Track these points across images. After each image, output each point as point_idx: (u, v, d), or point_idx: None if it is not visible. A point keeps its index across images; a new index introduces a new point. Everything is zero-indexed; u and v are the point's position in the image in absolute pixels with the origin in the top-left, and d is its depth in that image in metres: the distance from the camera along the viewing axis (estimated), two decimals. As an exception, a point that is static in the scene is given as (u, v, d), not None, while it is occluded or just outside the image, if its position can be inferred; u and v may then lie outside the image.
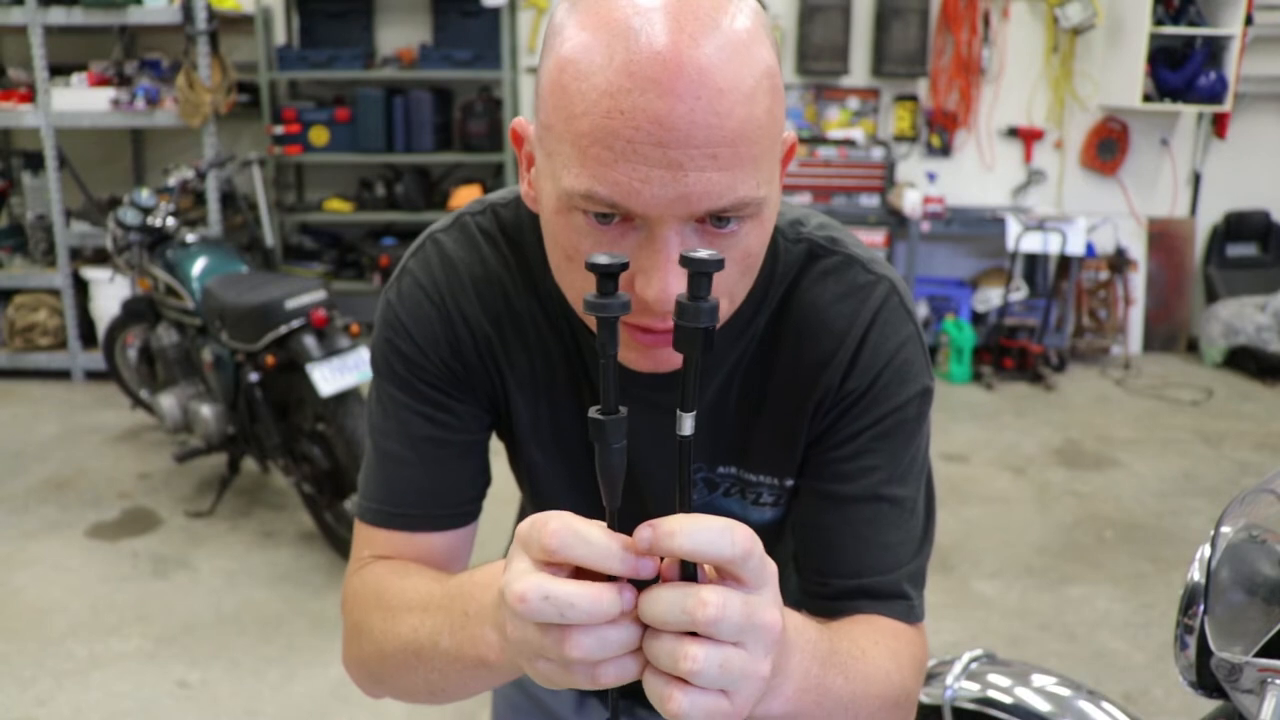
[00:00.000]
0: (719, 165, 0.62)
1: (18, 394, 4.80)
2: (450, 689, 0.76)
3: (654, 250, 0.65)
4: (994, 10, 5.38)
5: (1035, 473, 4.05)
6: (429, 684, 0.76)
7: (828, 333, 0.82)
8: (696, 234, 0.66)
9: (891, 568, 0.83)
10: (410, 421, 0.86)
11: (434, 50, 5.21)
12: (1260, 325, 5.30)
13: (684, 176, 0.62)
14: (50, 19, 4.62)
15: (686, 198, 0.63)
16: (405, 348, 0.85)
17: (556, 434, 0.90)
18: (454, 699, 0.78)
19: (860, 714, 0.72)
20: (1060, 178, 5.63)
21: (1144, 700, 2.57)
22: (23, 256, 5.12)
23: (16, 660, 2.67)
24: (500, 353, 0.87)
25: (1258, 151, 5.66)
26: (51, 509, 3.55)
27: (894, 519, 0.83)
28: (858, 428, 0.82)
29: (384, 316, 0.87)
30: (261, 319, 3.05)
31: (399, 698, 0.83)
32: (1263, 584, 0.89)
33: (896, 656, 0.78)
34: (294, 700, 2.54)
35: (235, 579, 3.11)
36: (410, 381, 0.85)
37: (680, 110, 0.60)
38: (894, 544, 0.83)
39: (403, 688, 0.80)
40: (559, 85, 0.65)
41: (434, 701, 0.80)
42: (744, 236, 0.68)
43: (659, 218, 0.64)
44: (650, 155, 0.61)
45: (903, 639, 0.82)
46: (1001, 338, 5.32)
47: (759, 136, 0.64)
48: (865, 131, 5.48)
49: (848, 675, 0.70)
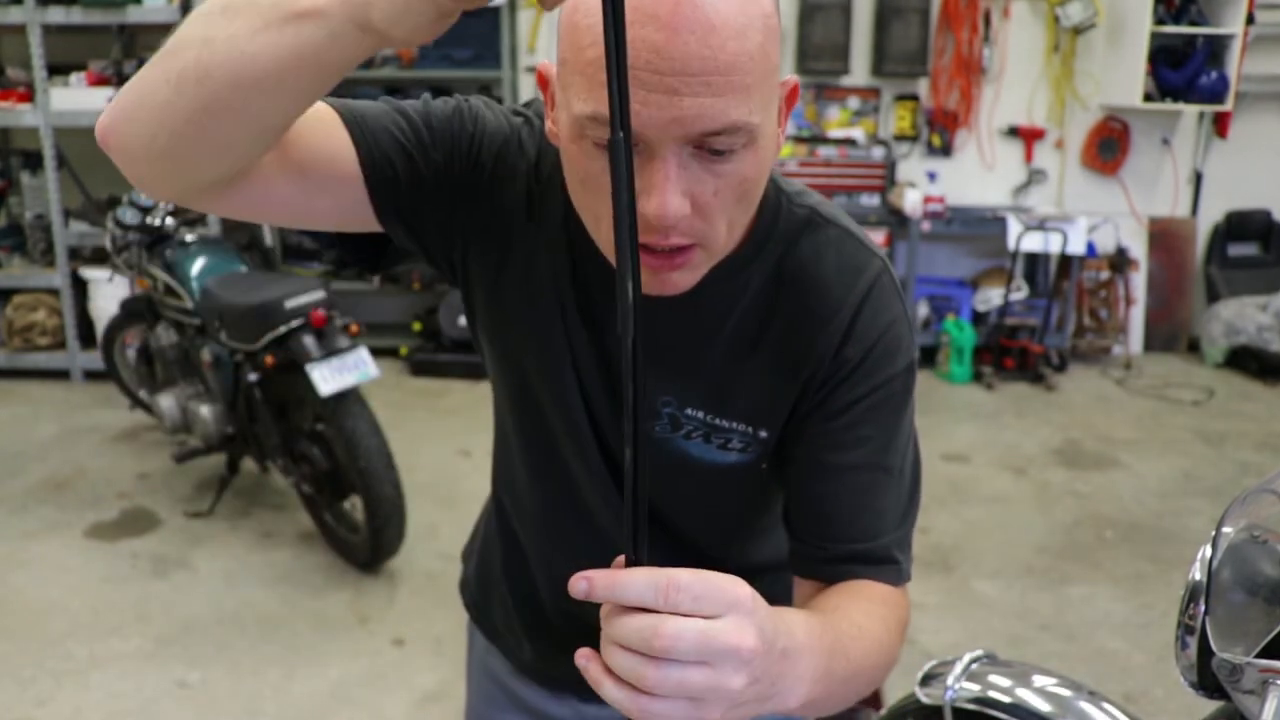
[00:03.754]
0: (712, 91, 0.67)
1: (16, 394, 4.80)
2: (220, 64, 0.64)
3: (652, 170, 0.70)
4: (995, 9, 5.38)
5: (1036, 473, 4.04)
6: (198, 60, 0.65)
7: (826, 297, 0.87)
8: (695, 159, 0.71)
9: (883, 533, 0.87)
10: (418, 115, 0.88)
11: (433, 49, 5.20)
12: (1261, 325, 5.30)
13: (679, 101, 0.67)
14: (49, 18, 4.62)
15: (681, 119, 0.68)
16: (472, 118, 0.89)
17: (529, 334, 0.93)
18: (220, 85, 0.65)
19: (859, 685, 0.77)
20: (1061, 177, 5.63)
21: (1144, 701, 2.57)
22: (21, 256, 5.12)
23: (16, 660, 2.67)
24: (516, 223, 0.90)
25: (1259, 151, 5.65)
26: (50, 509, 3.55)
27: (885, 486, 0.88)
28: (852, 398, 0.86)
29: (484, 100, 0.92)
30: (261, 319, 3.04)
31: (131, 112, 0.71)
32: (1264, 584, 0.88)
33: (886, 622, 0.83)
34: (293, 700, 2.54)
35: (235, 579, 3.11)
36: (452, 129, 0.88)
37: (676, 43, 0.66)
38: (885, 510, 0.88)
39: (155, 80, 0.68)
40: (571, 23, 0.71)
41: (174, 109, 0.67)
42: (740, 163, 0.73)
43: (658, 139, 0.69)
44: (649, 81, 0.66)
45: (890, 603, 0.86)
46: (1002, 338, 5.31)
47: (751, 68, 0.69)
48: (866, 131, 5.47)
49: (849, 657, 0.74)
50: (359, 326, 3.16)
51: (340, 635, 2.82)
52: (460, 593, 1.24)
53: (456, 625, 2.79)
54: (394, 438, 3.12)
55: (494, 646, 1.18)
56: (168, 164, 0.72)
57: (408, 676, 2.65)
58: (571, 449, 0.96)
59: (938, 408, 4.81)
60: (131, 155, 0.73)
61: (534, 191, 0.90)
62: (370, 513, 2.97)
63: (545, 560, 1.07)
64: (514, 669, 1.16)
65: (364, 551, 3.10)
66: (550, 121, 0.81)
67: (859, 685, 0.77)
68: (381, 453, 2.99)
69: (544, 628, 1.11)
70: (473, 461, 4.02)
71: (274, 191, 0.79)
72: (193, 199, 0.77)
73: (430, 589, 3.06)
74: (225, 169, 0.73)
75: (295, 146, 0.79)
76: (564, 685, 1.12)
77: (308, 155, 0.80)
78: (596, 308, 0.90)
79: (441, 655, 2.74)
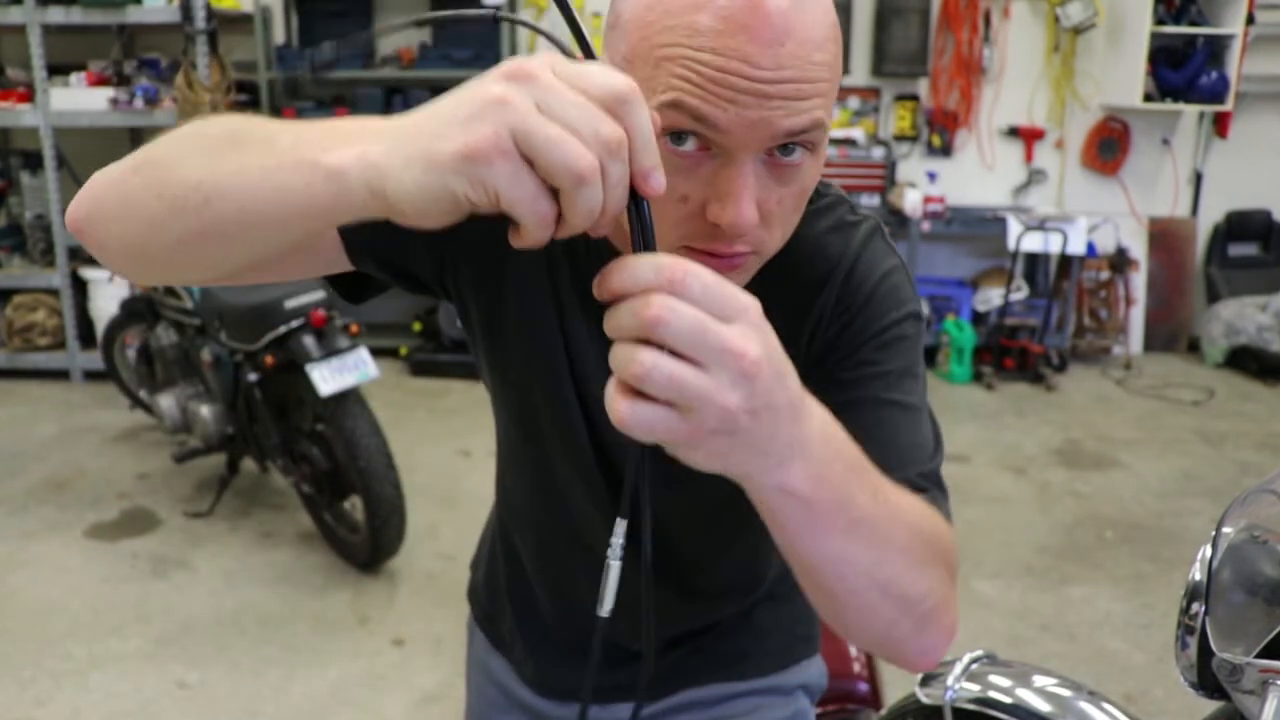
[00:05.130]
0: (801, 95, 0.69)
1: (16, 394, 4.80)
2: (225, 195, 0.62)
3: (731, 176, 0.70)
4: (995, 9, 5.38)
5: (1036, 473, 4.04)
6: (200, 185, 0.63)
7: (821, 259, 0.87)
8: (765, 166, 0.72)
9: (907, 466, 0.80)
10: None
11: (433, 50, 5.20)
12: (1261, 325, 5.30)
13: (768, 102, 0.68)
14: (49, 18, 4.62)
15: (769, 120, 0.68)
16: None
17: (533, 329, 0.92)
18: (204, 231, 0.63)
19: (894, 542, 0.68)
20: (1061, 177, 5.63)
21: (1145, 701, 2.56)
22: (21, 256, 5.12)
23: (16, 660, 2.67)
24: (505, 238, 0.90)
25: (1259, 151, 5.65)
26: (50, 509, 3.55)
27: (903, 423, 0.83)
28: (859, 341, 0.85)
29: None
30: (260, 319, 3.04)
31: (116, 215, 0.69)
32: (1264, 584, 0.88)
33: (929, 514, 0.74)
34: (293, 700, 2.54)
35: (234, 579, 3.10)
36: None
37: (768, 54, 0.67)
38: (907, 446, 0.82)
39: (147, 191, 0.66)
40: (644, 22, 0.70)
41: (168, 229, 0.65)
42: (804, 171, 0.74)
43: (739, 144, 0.69)
44: (740, 85, 0.67)
45: (937, 516, 0.76)
46: (1002, 338, 5.31)
47: (829, 76, 0.71)
48: (866, 131, 5.47)
49: (876, 496, 0.66)
50: (359, 326, 3.16)
51: (340, 635, 2.82)
52: (470, 601, 1.23)
53: (456, 625, 2.79)
54: (394, 438, 3.12)
55: (498, 653, 1.18)
56: (153, 269, 0.71)
57: (408, 676, 2.65)
58: (569, 457, 0.95)
59: (938, 408, 4.71)
60: (110, 253, 0.72)
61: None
62: (370, 513, 2.97)
63: (547, 578, 1.08)
64: (516, 673, 1.16)
65: (364, 551, 3.10)
66: None
67: (893, 546, 0.67)
68: (381, 453, 2.99)
69: (546, 645, 1.11)
70: (473, 461, 4.02)
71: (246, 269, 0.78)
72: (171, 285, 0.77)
73: (430, 589, 3.06)
74: (211, 278, 0.72)
75: None
76: (566, 695, 1.12)
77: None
78: (594, 304, 0.90)
79: (441, 655, 2.74)
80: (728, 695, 1.11)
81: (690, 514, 0.97)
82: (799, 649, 1.15)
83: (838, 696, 1.47)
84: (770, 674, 1.12)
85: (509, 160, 0.51)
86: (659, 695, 1.10)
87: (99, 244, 0.72)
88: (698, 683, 1.10)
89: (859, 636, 0.73)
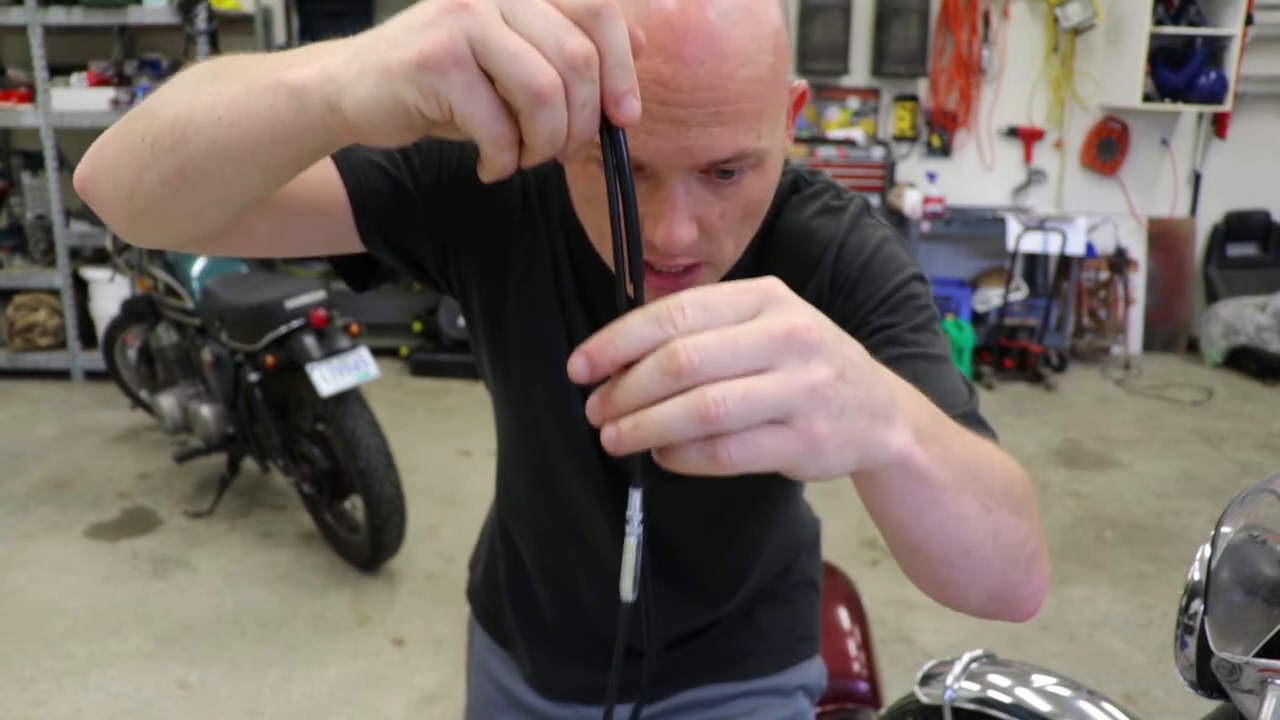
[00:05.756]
0: (721, 121, 0.65)
1: (17, 394, 4.80)
2: (199, 129, 0.61)
3: (660, 199, 0.69)
4: (994, 10, 5.38)
5: (1035, 473, 4.05)
6: (176, 121, 0.62)
7: (813, 243, 0.87)
8: (701, 183, 0.70)
9: (952, 406, 0.73)
10: (402, 156, 0.86)
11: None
12: (1260, 325, 5.30)
13: (687, 131, 0.65)
14: (50, 19, 4.62)
15: (689, 150, 0.66)
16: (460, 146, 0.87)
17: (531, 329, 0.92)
18: (194, 160, 0.62)
19: (994, 485, 0.63)
20: (1060, 178, 5.63)
21: (1144, 701, 2.57)
22: (22, 256, 5.11)
23: (16, 660, 2.67)
24: (512, 230, 0.90)
25: (1258, 151, 5.65)
26: (51, 509, 3.55)
27: (932, 373, 0.78)
28: (865, 310, 0.82)
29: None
30: (261, 319, 3.05)
31: (111, 165, 0.69)
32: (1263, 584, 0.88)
33: (1002, 453, 0.71)
34: (293, 701, 2.54)
35: (235, 579, 3.11)
36: (436, 153, 0.86)
37: (685, 74, 0.63)
38: (940, 392, 0.75)
39: (135, 136, 0.66)
40: None
41: (151, 170, 0.64)
42: (746, 186, 0.71)
43: (665, 168, 0.68)
44: (656, 112, 0.64)
45: (1008, 455, 0.73)
46: (1002, 338, 5.31)
47: (761, 93, 0.67)
48: (865, 131, 5.48)
49: (964, 440, 0.61)
50: (359, 327, 3.16)
51: (340, 635, 2.82)
52: (469, 601, 1.23)
53: (456, 625, 2.79)
54: (394, 438, 3.12)
55: (500, 650, 1.18)
56: (145, 222, 0.70)
57: (407, 676, 2.65)
58: (570, 451, 0.95)
59: (937, 408, 4.80)
60: (110, 210, 0.71)
61: (530, 198, 0.89)
62: (370, 513, 2.97)
63: (547, 575, 1.08)
64: (517, 672, 1.17)
65: (364, 551, 3.10)
66: None
67: (995, 490, 0.63)
68: (381, 453, 2.99)
69: (545, 644, 1.11)
70: (473, 461, 4.02)
71: (256, 230, 0.77)
72: (176, 247, 0.75)
73: (430, 589, 3.07)
74: (201, 232, 0.71)
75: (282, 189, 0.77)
76: (566, 695, 1.12)
77: (292, 192, 0.78)
78: (597, 307, 0.90)
79: (441, 655, 2.74)
80: (728, 696, 1.11)
81: (690, 509, 0.97)
82: (799, 649, 1.15)
83: (838, 696, 1.48)
84: (770, 674, 1.12)
85: (464, 70, 0.47)
86: (659, 696, 1.10)
87: (100, 200, 0.72)
88: (698, 683, 1.11)
89: (972, 596, 0.67)
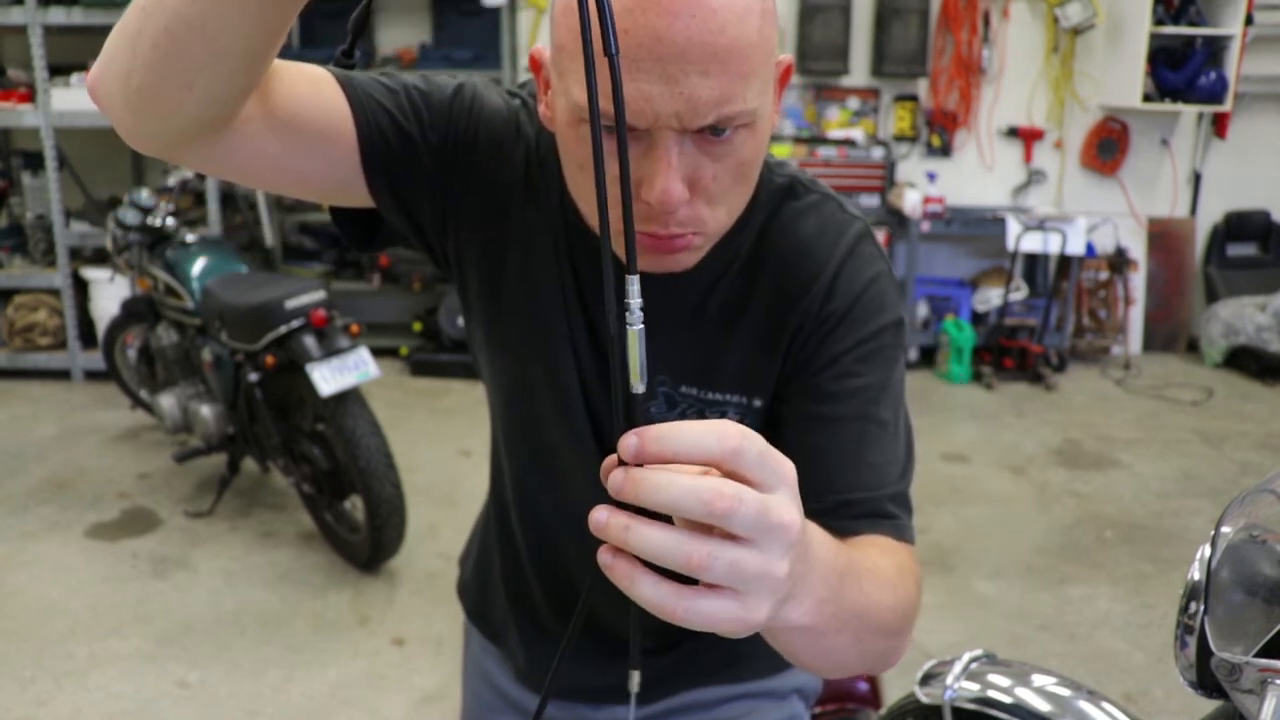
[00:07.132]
0: (712, 78, 0.67)
1: (17, 394, 4.80)
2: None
3: (654, 158, 0.70)
4: (994, 10, 5.38)
5: (1035, 473, 4.05)
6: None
7: (808, 261, 0.88)
8: (694, 143, 0.72)
9: (878, 486, 0.83)
10: (417, 94, 0.86)
11: (434, 50, 5.20)
12: (1260, 325, 5.30)
13: (679, 90, 0.67)
14: (50, 19, 4.62)
15: (681, 110, 0.68)
16: (471, 99, 0.88)
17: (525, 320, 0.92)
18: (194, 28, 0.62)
19: (872, 623, 0.71)
20: (1060, 178, 5.63)
21: (1144, 700, 2.57)
22: (22, 256, 5.11)
23: (16, 660, 2.67)
24: (513, 206, 0.90)
25: (1258, 151, 5.65)
26: (51, 509, 3.55)
27: (878, 439, 0.85)
28: (840, 350, 0.86)
29: (485, 81, 0.92)
30: (261, 319, 3.05)
31: (112, 50, 0.68)
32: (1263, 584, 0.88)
33: (901, 569, 0.79)
34: (293, 701, 2.54)
35: (235, 579, 3.11)
36: (447, 103, 0.87)
37: (677, 27, 0.65)
38: (879, 464, 0.84)
39: (130, 11, 0.66)
40: (569, 7, 0.71)
41: (143, 37, 0.64)
42: (739, 145, 0.73)
43: (659, 128, 0.69)
44: (650, 70, 0.66)
45: (901, 554, 0.82)
46: (1001, 338, 5.32)
47: (750, 53, 0.69)
48: (865, 131, 5.47)
49: (863, 587, 0.69)
50: (359, 326, 3.17)
51: (340, 635, 2.82)
52: (460, 598, 1.23)
53: (456, 625, 2.79)
54: (394, 438, 3.12)
55: (494, 648, 1.18)
56: (145, 104, 0.68)
57: (407, 677, 2.65)
58: (565, 430, 0.95)
59: (937, 408, 4.81)
60: (113, 101, 0.70)
61: (533, 174, 0.90)
62: (370, 513, 2.97)
63: (542, 560, 1.07)
64: (510, 673, 1.16)
65: (364, 551, 3.10)
66: (544, 106, 0.81)
67: (871, 627, 0.71)
68: (381, 453, 2.99)
69: (539, 634, 1.10)
70: (473, 461, 4.02)
71: (262, 147, 0.76)
72: (179, 150, 0.73)
73: (430, 589, 3.07)
74: (201, 107, 0.68)
75: (287, 100, 0.76)
76: (559, 692, 1.11)
77: (299, 110, 0.77)
78: (592, 291, 0.91)
79: (441, 655, 2.74)
80: (722, 698, 1.11)
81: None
82: None
83: (837, 696, 1.47)
84: (765, 677, 1.12)
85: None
86: (654, 698, 1.10)
87: (106, 93, 0.70)
88: (692, 686, 1.10)
89: (832, 675, 0.78)
